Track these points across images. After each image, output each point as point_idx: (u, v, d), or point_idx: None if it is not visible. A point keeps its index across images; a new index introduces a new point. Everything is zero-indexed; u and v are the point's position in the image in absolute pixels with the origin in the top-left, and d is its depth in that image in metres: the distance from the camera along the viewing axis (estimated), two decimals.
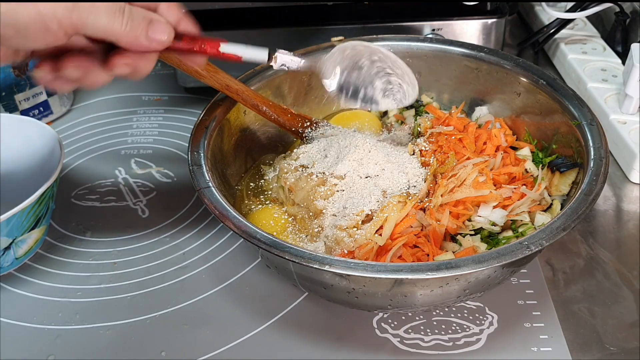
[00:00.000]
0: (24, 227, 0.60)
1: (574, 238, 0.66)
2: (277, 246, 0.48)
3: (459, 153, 0.63)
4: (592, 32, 0.95)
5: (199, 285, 0.62)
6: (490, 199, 0.58)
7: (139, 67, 0.47)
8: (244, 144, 0.68)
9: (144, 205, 0.73)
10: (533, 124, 0.67)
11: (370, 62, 0.59)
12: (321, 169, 0.61)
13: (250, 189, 0.67)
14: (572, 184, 0.60)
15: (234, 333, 0.57)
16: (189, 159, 0.58)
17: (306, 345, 0.56)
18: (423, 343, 0.55)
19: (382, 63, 0.59)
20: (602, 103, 0.79)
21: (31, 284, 0.63)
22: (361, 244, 0.55)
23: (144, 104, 0.90)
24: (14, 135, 0.68)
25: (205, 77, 0.61)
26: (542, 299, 0.59)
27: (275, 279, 0.62)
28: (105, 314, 0.60)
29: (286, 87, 0.72)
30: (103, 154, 0.81)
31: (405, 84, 0.60)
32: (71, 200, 0.74)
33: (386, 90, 0.60)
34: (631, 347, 0.55)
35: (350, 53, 0.59)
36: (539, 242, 0.48)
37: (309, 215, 0.60)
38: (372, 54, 0.59)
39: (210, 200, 0.53)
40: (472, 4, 0.82)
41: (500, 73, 0.69)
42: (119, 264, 0.65)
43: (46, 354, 0.56)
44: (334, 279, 0.50)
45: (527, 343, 0.55)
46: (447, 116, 0.69)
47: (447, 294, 0.51)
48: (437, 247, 0.56)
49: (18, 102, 0.82)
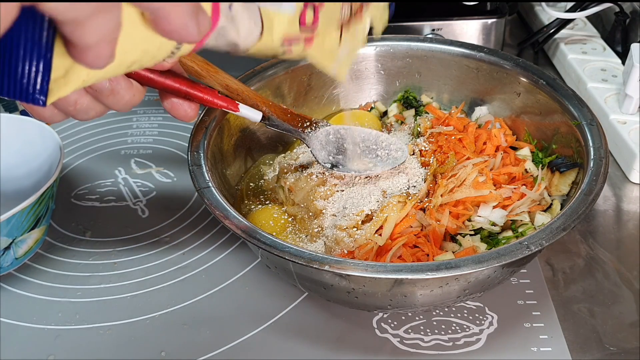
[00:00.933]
0: (24, 227, 0.60)
1: (574, 238, 0.66)
2: (277, 246, 0.48)
3: (458, 153, 0.63)
4: (592, 32, 0.95)
5: (199, 285, 0.62)
6: (490, 199, 0.58)
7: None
8: (243, 144, 0.68)
9: (144, 205, 0.73)
10: (533, 124, 0.67)
11: (353, 144, 0.61)
12: (321, 169, 0.61)
13: (250, 189, 0.67)
14: (572, 184, 0.60)
15: (234, 333, 0.57)
16: (189, 159, 0.58)
17: (306, 346, 0.56)
18: (423, 343, 0.55)
19: (365, 142, 0.61)
20: (602, 103, 0.79)
21: (31, 284, 0.63)
22: (361, 244, 0.55)
23: (144, 104, 0.90)
24: (14, 136, 0.68)
25: (205, 77, 0.61)
26: (542, 299, 0.59)
27: (275, 279, 0.62)
28: (105, 314, 0.60)
29: (286, 87, 0.72)
30: (103, 154, 0.81)
31: (393, 152, 0.62)
32: (71, 200, 0.74)
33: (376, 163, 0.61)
34: (631, 347, 0.55)
35: (333, 137, 0.61)
36: (539, 242, 0.48)
37: (308, 215, 0.60)
38: (354, 137, 0.61)
39: (210, 200, 0.53)
40: (472, 4, 0.82)
41: (500, 73, 0.69)
42: (118, 264, 0.65)
43: (46, 354, 0.56)
44: (333, 279, 0.50)
45: (527, 343, 0.55)
46: (447, 116, 0.69)
47: (447, 294, 0.51)
48: (437, 247, 0.56)
49: (18, 102, 0.82)
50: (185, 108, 0.48)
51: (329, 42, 0.50)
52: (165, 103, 0.48)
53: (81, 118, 0.44)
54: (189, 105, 0.48)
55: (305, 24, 0.46)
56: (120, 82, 0.42)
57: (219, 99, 0.50)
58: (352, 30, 0.51)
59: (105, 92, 0.41)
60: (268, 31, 0.44)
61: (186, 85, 0.47)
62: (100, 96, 0.42)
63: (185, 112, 0.48)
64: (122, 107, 0.43)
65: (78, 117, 0.43)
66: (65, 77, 0.36)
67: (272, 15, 0.44)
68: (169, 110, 0.48)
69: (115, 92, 0.42)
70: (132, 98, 0.43)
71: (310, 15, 0.46)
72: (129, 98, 0.43)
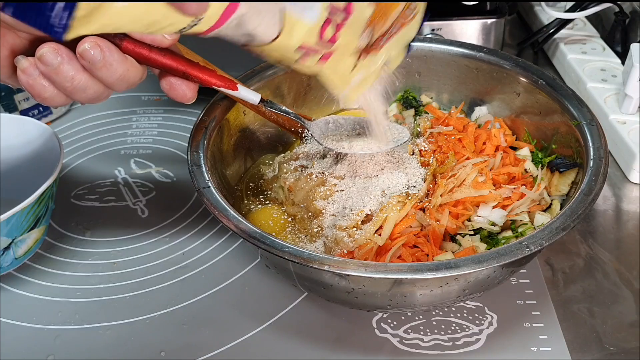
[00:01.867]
0: (24, 227, 0.60)
1: (574, 238, 0.66)
2: (276, 246, 0.48)
3: (458, 153, 0.63)
4: (592, 32, 0.95)
5: (199, 285, 0.62)
6: (490, 199, 0.58)
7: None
8: (243, 144, 0.68)
9: (144, 205, 0.73)
10: (532, 124, 0.67)
11: (353, 129, 0.61)
12: (321, 169, 0.61)
13: (249, 189, 0.67)
14: (572, 184, 0.60)
15: (234, 333, 0.57)
16: (189, 159, 0.58)
17: (306, 346, 0.56)
18: (422, 343, 0.55)
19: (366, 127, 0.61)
20: (601, 103, 0.79)
21: (31, 284, 0.63)
22: (361, 244, 0.55)
23: (144, 104, 0.90)
24: (13, 135, 0.68)
25: None
26: (542, 299, 0.59)
27: (275, 279, 0.62)
28: (105, 314, 0.60)
29: (285, 87, 0.72)
30: (103, 154, 0.81)
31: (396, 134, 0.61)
32: (71, 200, 0.74)
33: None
34: (631, 347, 0.55)
35: (333, 125, 0.61)
36: (539, 242, 0.48)
37: (308, 215, 0.60)
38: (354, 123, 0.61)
39: (209, 200, 0.53)
40: (472, 4, 0.82)
41: (499, 73, 0.69)
42: (118, 264, 0.65)
43: (46, 354, 0.56)
44: (333, 279, 0.50)
45: (527, 343, 0.55)
46: (446, 116, 0.69)
47: (446, 294, 0.51)
48: (437, 247, 0.56)
49: (18, 102, 0.82)
50: (183, 88, 0.47)
51: (343, 66, 0.50)
52: (163, 83, 0.48)
53: (79, 98, 0.44)
54: (187, 85, 0.47)
55: (323, 37, 0.46)
56: (114, 53, 0.42)
57: (217, 79, 0.49)
58: (367, 60, 0.52)
59: (98, 64, 0.41)
60: (287, 33, 0.45)
61: (184, 64, 0.46)
62: (94, 68, 0.42)
63: (183, 93, 0.48)
64: (117, 83, 0.43)
65: (76, 97, 0.44)
66: (87, 17, 0.37)
67: (294, 21, 0.45)
68: (167, 92, 0.48)
69: (108, 64, 0.42)
70: (126, 72, 0.43)
71: (330, 31, 0.46)
72: (122, 71, 0.43)
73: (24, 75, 0.42)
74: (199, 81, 0.48)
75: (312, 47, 0.47)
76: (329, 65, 0.49)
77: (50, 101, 0.43)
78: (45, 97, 0.43)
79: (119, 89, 0.45)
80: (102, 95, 0.45)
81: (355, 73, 0.52)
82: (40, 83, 0.42)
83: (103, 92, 0.44)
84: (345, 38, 0.48)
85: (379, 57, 0.52)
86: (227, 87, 0.51)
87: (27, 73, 0.42)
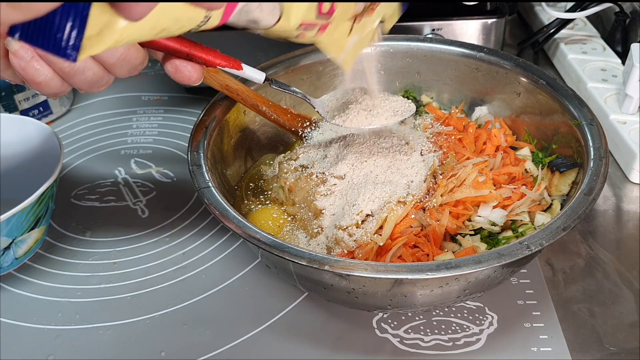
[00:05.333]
0: (24, 227, 0.60)
1: (574, 238, 0.66)
2: (277, 246, 0.48)
3: (458, 153, 0.63)
4: (592, 32, 0.95)
5: (199, 285, 0.62)
6: (490, 199, 0.58)
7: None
8: (243, 144, 0.68)
9: (144, 205, 0.73)
10: (533, 124, 0.67)
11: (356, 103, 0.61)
12: (321, 169, 0.61)
13: (250, 189, 0.67)
14: (572, 184, 0.60)
15: (234, 333, 0.57)
16: (189, 159, 0.58)
17: (306, 346, 0.56)
18: (423, 343, 0.55)
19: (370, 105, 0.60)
20: (602, 103, 0.79)
21: (31, 284, 0.63)
22: (361, 244, 0.55)
23: (144, 104, 0.90)
24: (13, 135, 0.68)
25: (205, 77, 0.61)
26: (542, 299, 0.59)
27: (275, 279, 0.62)
28: (105, 314, 0.60)
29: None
30: (103, 154, 0.81)
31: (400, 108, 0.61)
32: (71, 200, 0.74)
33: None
34: (631, 347, 0.55)
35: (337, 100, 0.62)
36: (539, 242, 0.48)
37: (308, 215, 0.60)
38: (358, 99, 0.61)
39: (210, 200, 0.53)
40: (472, 4, 0.82)
41: (500, 73, 0.69)
42: (118, 264, 0.65)
43: (46, 354, 0.56)
44: (333, 279, 0.50)
45: (527, 343, 0.55)
46: (447, 116, 0.69)
47: (447, 294, 0.51)
48: (437, 247, 0.56)
49: (18, 102, 0.82)
50: (189, 69, 0.47)
51: (339, 32, 0.51)
52: (168, 66, 0.47)
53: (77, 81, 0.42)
54: (192, 67, 0.47)
55: (321, 11, 0.47)
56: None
57: (221, 59, 0.49)
58: (362, 23, 0.52)
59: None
60: (286, 14, 0.45)
61: (188, 45, 0.46)
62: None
63: (189, 74, 0.47)
64: (118, 64, 0.42)
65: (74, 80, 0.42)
66: (98, 35, 0.36)
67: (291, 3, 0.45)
68: (172, 75, 0.48)
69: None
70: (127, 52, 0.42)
71: (327, 4, 0.47)
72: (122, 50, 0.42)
73: (16, 59, 0.39)
74: (204, 62, 0.48)
75: (312, 22, 0.47)
76: (327, 33, 0.49)
77: (45, 86, 0.41)
78: (39, 81, 0.41)
79: (120, 72, 0.43)
80: (102, 80, 0.43)
81: (351, 37, 0.52)
82: (32, 66, 0.40)
83: (103, 75, 0.43)
84: (342, 7, 0.48)
85: (373, 19, 0.53)
86: (232, 66, 0.51)
87: (18, 56, 0.39)
